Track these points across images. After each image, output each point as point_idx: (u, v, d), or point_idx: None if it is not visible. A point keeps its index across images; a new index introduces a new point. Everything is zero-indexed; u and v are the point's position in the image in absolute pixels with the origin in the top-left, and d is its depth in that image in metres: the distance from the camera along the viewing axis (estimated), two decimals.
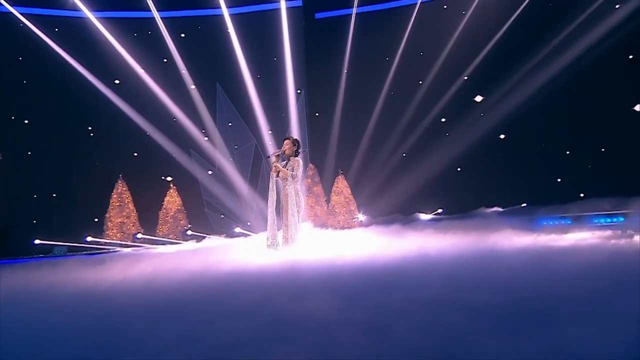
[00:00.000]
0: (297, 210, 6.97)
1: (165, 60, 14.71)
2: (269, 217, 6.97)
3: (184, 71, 14.80)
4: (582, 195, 11.65)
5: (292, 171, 6.98)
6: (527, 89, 12.79)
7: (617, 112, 12.27)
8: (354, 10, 14.84)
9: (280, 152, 7.13)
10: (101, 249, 13.84)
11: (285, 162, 7.13)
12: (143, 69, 14.56)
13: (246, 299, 3.44)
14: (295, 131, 14.76)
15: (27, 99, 13.94)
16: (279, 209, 7.07)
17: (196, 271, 5.23)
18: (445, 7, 14.51)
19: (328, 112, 15.07)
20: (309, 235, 7.50)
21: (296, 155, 7.14)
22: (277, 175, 7.04)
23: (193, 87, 14.97)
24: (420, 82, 14.46)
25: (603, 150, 12.57)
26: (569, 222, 11.00)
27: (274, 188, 7.06)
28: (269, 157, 7.27)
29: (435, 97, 14.31)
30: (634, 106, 12.16)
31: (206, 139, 15.16)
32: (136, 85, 14.51)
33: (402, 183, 13.79)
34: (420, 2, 14.42)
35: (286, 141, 7.21)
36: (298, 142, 7.25)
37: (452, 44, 14.12)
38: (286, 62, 14.87)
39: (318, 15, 15.63)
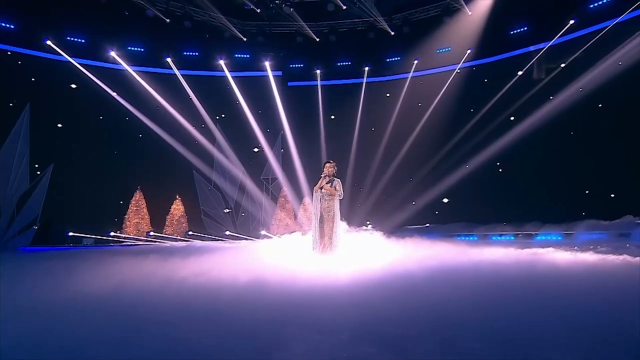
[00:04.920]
0: (338, 222, 8.03)
1: (185, 102, 19.50)
2: (313, 226, 8.05)
3: (190, 116, 19.69)
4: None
5: (337, 190, 8.06)
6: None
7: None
8: (319, 83, 20.97)
9: (326, 175, 8.12)
10: (121, 242, 17.91)
11: (327, 181, 8.10)
12: (170, 105, 19.03)
13: None
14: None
15: (72, 123, 17.92)
16: (321, 220, 8.00)
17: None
18: (388, 94, 20.49)
19: (298, 151, 20.57)
20: (346, 242, 8.44)
21: (336, 176, 8.24)
22: (322, 191, 8.05)
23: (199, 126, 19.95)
24: (373, 129, 20.16)
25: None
26: (475, 239, 15.95)
27: (318, 202, 8.05)
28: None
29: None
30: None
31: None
32: (157, 119, 18.87)
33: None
34: (366, 82, 20.86)
35: (328, 164, 8.19)
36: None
37: (395, 116, 19.89)
38: (273, 113, 20.39)
39: (290, 84, 21.56)
